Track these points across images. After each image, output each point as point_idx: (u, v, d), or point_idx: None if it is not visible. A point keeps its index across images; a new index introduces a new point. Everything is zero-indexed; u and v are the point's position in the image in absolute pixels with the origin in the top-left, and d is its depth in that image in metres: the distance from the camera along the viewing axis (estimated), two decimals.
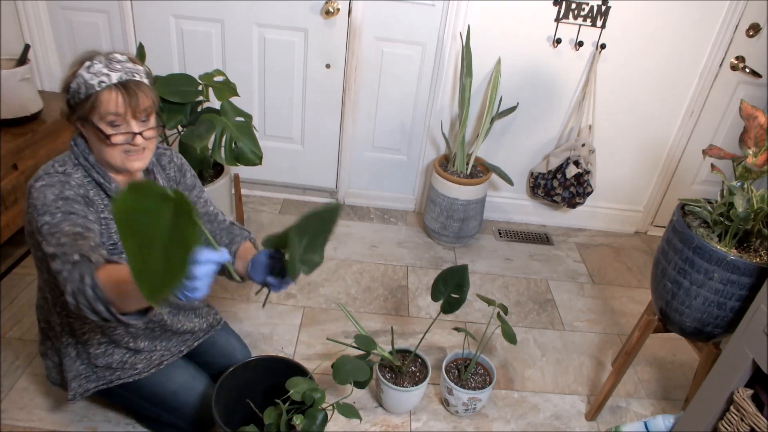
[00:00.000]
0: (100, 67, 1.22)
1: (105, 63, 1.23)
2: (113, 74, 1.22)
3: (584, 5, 2.41)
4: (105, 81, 1.21)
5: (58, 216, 1.21)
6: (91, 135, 1.27)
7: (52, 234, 1.19)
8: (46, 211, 1.21)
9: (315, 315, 2.19)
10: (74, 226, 1.21)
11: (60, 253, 1.14)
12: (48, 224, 1.20)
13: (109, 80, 1.21)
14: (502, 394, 1.96)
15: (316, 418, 1.34)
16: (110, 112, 1.23)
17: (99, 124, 1.24)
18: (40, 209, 1.22)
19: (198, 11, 2.48)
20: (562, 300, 2.46)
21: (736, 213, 1.41)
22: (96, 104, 1.22)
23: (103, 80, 1.21)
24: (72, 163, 1.30)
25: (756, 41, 2.52)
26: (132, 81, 1.24)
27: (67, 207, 1.23)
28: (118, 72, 1.23)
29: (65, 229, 1.19)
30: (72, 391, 1.47)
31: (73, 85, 1.23)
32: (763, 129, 1.45)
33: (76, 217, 1.23)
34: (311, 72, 2.61)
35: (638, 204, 2.99)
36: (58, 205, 1.22)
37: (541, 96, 2.65)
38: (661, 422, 1.70)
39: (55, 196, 1.23)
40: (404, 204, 2.97)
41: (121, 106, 1.23)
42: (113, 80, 1.22)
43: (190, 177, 1.56)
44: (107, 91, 1.22)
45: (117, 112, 1.23)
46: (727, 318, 1.47)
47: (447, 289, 1.72)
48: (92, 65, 1.22)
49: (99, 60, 1.23)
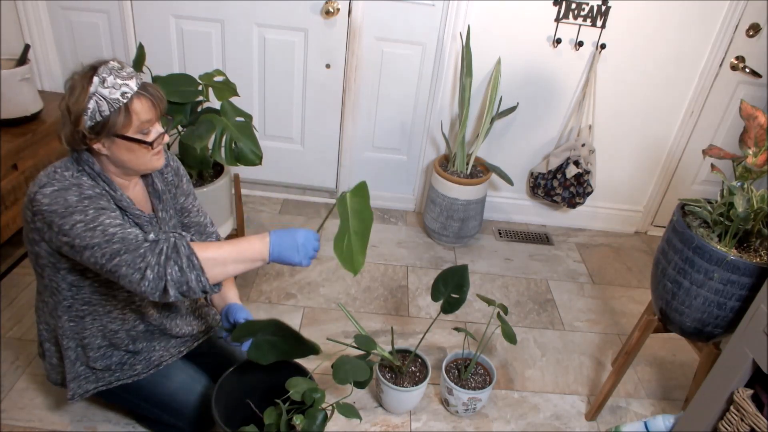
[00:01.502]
0: (113, 80, 1.18)
1: (113, 74, 1.19)
2: (130, 82, 1.20)
3: (584, 5, 2.41)
4: (128, 91, 1.19)
5: (91, 212, 1.19)
6: (120, 148, 1.24)
7: (92, 228, 1.18)
8: (74, 211, 1.19)
9: (315, 315, 2.19)
10: (113, 218, 1.21)
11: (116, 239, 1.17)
12: (82, 222, 1.18)
13: (131, 89, 1.20)
14: (502, 394, 1.96)
15: (316, 418, 1.34)
16: (144, 119, 1.22)
17: (135, 135, 1.23)
18: (64, 211, 1.19)
19: (198, 11, 2.48)
20: (562, 300, 2.46)
21: (736, 213, 1.41)
22: (129, 116, 1.20)
23: (125, 91, 1.19)
24: (75, 169, 1.27)
25: (756, 41, 2.52)
26: (145, 83, 1.24)
27: (94, 204, 1.21)
28: (131, 79, 1.21)
29: (106, 222, 1.19)
30: (71, 391, 1.47)
31: (90, 105, 1.17)
32: (763, 129, 1.45)
33: (110, 212, 1.22)
34: (311, 72, 2.61)
35: (638, 204, 2.99)
36: (85, 204, 1.20)
37: (541, 96, 2.65)
38: (661, 422, 1.70)
39: (78, 197, 1.21)
40: (404, 204, 2.97)
41: (151, 111, 1.24)
42: (134, 88, 1.20)
43: (186, 182, 1.55)
44: (135, 99, 1.20)
45: (149, 118, 1.24)
46: (727, 318, 1.47)
47: (447, 289, 1.72)
48: (104, 80, 1.17)
49: (104, 72, 1.18)
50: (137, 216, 1.36)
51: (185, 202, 1.54)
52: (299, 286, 2.32)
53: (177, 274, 1.17)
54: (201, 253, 1.19)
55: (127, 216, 1.35)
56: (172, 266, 1.16)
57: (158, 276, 1.16)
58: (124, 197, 1.33)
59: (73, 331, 1.43)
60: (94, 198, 1.22)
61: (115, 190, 1.31)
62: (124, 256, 1.17)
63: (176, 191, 1.52)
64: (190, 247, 1.19)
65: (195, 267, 1.17)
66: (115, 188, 1.31)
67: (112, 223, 1.20)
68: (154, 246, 1.18)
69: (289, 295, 2.27)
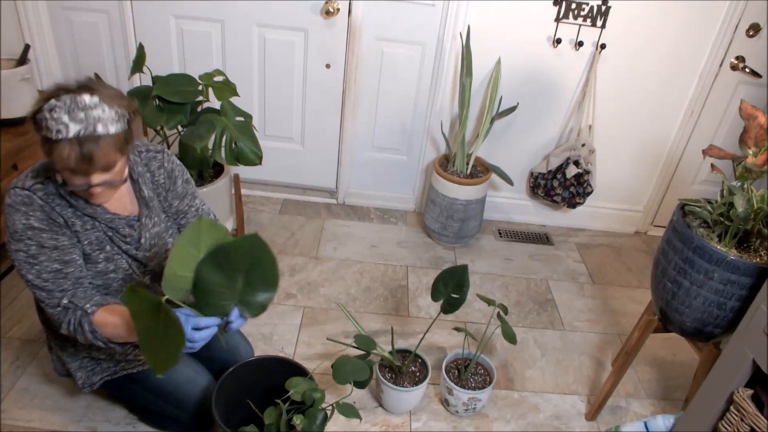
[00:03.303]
0: (60, 114, 1.12)
1: (67, 109, 1.12)
2: (72, 126, 1.12)
3: (584, 5, 2.41)
4: (62, 133, 1.12)
5: (33, 248, 1.26)
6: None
7: (30, 264, 1.26)
8: (18, 239, 1.25)
9: (315, 315, 2.19)
10: (51, 261, 1.27)
11: (45, 288, 1.28)
12: (23, 252, 1.26)
13: (66, 132, 1.12)
14: (502, 394, 1.96)
15: (316, 418, 1.34)
16: (65, 167, 1.16)
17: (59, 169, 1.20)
18: (12, 235, 1.25)
19: (198, 11, 2.48)
20: (562, 300, 2.46)
21: (736, 213, 1.41)
22: (52, 152, 1.15)
23: (60, 130, 1.12)
24: (44, 176, 1.28)
25: (756, 41, 2.52)
26: (91, 138, 1.14)
27: (37, 239, 1.26)
28: (79, 123, 1.13)
29: (44, 264, 1.27)
30: (80, 380, 1.51)
31: (38, 117, 1.15)
32: (763, 129, 1.45)
33: (49, 251, 1.27)
34: (311, 72, 2.61)
35: (638, 204, 2.99)
36: (29, 235, 1.25)
37: (541, 96, 2.65)
38: (661, 422, 1.70)
39: (23, 225, 1.24)
40: (404, 204, 2.97)
41: (74, 163, 1.15)
42: (70, 134, 1.12)
43: (182, 184, 1.51)
44: (62, 145, 1.13)
45: (70, 168, 1.16)
46: (727, 318, 1.47)
47: (447, 289, 1.72)
48: (54, 109, 1.12)
49: (63, 103, 1.13)
50: (110, 220, 1.35)
51: (180, 204, 1.51)
52: (299, 286, 2.33)
53: (83, 341, 1.30)
54: (103, 330, 1.27)
55: (97, 221, 1.34)
56: (80, 335, 1.29)
57: (70, 335, 1.30)
58: (87, 206, 1.31)
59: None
60: (36, 230, 1.25)
61: (76, 200, 1.29)
62: (45, 305, 1.31)
63: (167, 194, 1.48)
64: (91, 324, 1.27)
65: (99, 339, 1.28)
66: (77, 199, 1.29)
67: (48, 267, 1.27)
68: (65, 313, 1.29)
69: (289, 295, 2.27)
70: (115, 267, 1.39)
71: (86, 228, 1.32)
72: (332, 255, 2.55)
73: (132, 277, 1.43)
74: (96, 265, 1.35)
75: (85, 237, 1.32)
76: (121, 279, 1.41)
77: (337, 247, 2.61)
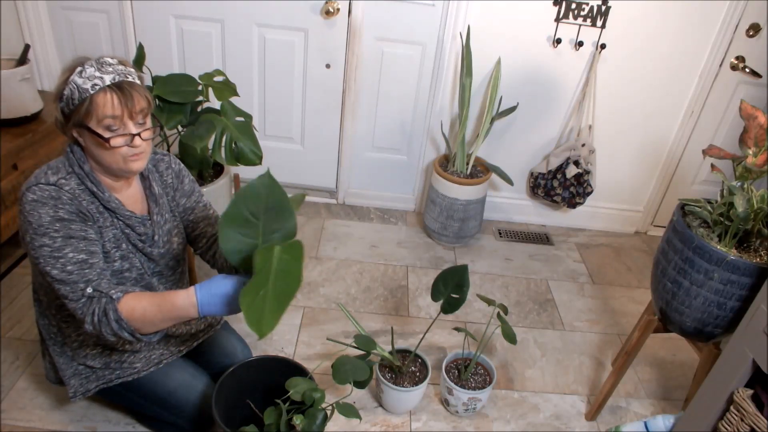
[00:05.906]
0: (92, 71, 1.20)
1: (96, 67, 1.21)
2: (106, 76, 1.21)
3: (584, 5, 2.41)
4: (98, 84, 1.20)
5: (59, 240, 1.23)
6: (89, 141, 1.25)
7: (55, 258, 1.22)
8: (44, 233, 1.22)
9: (315, 315, 2.19)
10: (77, 251, 1.24)
11: (69, 281, 1.23)
12: (48, 247, 1.22)
13: (103, 82, 1.20)
14: (502, 394, 1.96)
15: (316, 418, 1.34)
16: (107, 115, 1.21)
17: (96, 128, 1.22)
18: (37, 229, 1.22)
19: (198, 11, 2.48)
20: (562, 300, 2.46)
21: (736, 213, 1.41)
22: (91, 108, 1.20)
23: (96, 83, 1.20)
24: (66, 171, 1.28)
25: (756, 41, 2.52)
26: (125, 82, 1.23)
27: (65, 230, 1.23)
28: (110, 74, 1.21)
29: (69, 255, 1.23)
30: (71, 389, 1.47)
31: (65, 92, 1.21)
32: (763, 129, 1.45)
33: (77, 242, 1.25)
34: (311, 72, 2.61)
35: (638, 204, 2.99)
36: (56, 227, 1.23)
37: (541, 96, 2.65)
38: (661, 422, 1.70)
39: (50, 218, 1.22)
40: (404, 204, 2.98)
41: (117, 108, 1.21)
42: (106, 82, 1.20)
43: (188, 182, 1.54)
44: (102, 94, 1.20)
45: (114, 114, 1.21)
46: (727, 318, 1.47)
47: (447, 289, 1.71)
48: (84, 70, 1.20)
49: (90, 64, 1.21)
50: (127, 217, 1.36)
51: (187, 202, 1.54)
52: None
53: (110, 333, 1.23)
54: (129, 316, 1.23)
55: (116, 218, 1.35)
56: (105, 327, 1.23)
57: (95, 329, 1.24)
58: (112, 198, 1.33)
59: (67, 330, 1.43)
60: (65, 222, 1.24)
61: (102, 192, 1.31)
62: (68, 300, 1.25)
63: (175, 194, 1.51)
64: (117, 312, 1.22)
65: (125, 328, 1.23)
66: (103, 189, 1.31)
67: (74, 258, 1.24)
68: (89, 304, 1.24)
69: None
70: (130, 266, 1.39)
71: (106, 225, 1.33)
72: (332, 255, 2.55)
73: (143, 277, 1.43)
74: (112, 264, 1.36)
75: (105, 234, 1.33)
76: (134, 278, 1.41)
77: (337, 247, 2.61)
